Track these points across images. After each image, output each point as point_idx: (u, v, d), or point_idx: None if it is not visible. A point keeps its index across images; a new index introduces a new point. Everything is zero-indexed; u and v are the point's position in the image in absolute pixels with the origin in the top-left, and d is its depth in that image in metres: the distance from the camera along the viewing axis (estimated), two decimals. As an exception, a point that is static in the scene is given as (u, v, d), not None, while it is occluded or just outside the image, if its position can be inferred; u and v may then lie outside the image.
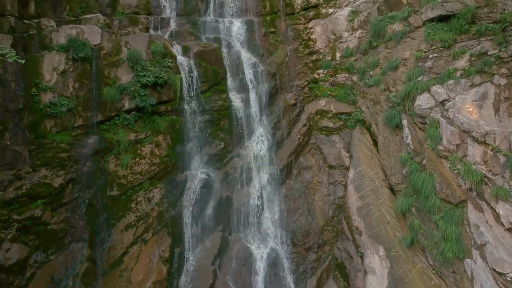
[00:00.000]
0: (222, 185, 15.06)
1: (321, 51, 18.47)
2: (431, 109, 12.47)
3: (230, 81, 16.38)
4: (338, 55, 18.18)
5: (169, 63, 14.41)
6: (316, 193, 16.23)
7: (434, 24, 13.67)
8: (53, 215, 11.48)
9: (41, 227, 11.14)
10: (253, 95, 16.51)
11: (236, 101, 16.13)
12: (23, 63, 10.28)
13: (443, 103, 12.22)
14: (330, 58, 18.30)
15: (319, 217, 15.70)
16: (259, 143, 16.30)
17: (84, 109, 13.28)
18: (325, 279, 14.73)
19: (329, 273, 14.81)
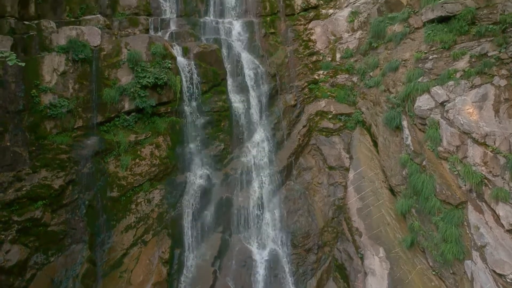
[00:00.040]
0: (222, 186, 15.07)
1: (321, 52, 18.47)
2: (431, 110, 12.46)
3: (230, 82, 16.38)
4: (338, 56, 18.18)
5: (169, 64, 14.42)
6: (316, 194, 16.22)
7: (434, 25, 13.66)
8: (53, 217, 11.50)
9: (41, 229, 11.16)
10: (253, 96, 16.51)
11: (236, 102, 16.13)
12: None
13: (443, 104, 12.21)
14: (330, 59, 18.30)
15: (319, 218, 15.69)
16: (259, 144, 16.29)
17: (84, 110, 13.29)
18: (325, 280, 14.71)
19: (329, 274, 14.79)
